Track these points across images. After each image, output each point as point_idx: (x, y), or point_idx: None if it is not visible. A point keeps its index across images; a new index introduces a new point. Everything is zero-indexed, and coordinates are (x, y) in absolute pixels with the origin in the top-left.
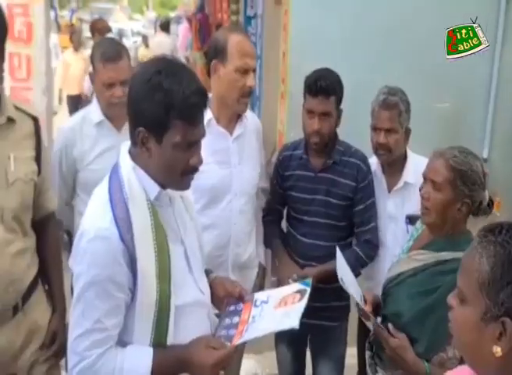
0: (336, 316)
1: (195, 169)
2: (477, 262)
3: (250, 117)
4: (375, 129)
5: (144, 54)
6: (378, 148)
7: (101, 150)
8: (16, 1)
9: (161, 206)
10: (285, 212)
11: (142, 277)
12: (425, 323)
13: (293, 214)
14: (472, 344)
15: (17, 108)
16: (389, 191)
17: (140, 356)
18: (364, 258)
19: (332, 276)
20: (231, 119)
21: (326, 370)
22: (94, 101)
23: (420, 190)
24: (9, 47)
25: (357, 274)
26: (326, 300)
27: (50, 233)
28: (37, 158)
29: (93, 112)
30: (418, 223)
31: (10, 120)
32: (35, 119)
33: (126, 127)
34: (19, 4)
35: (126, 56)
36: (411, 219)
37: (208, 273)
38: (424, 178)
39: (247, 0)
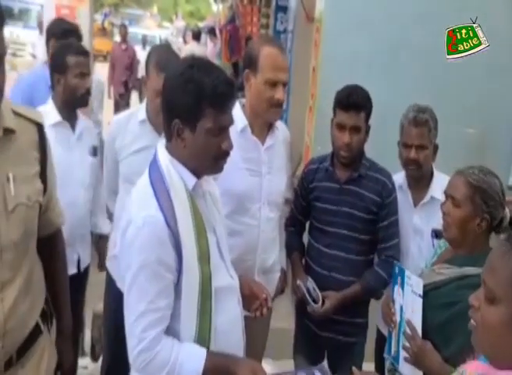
0: (354, 332)
1: (227, 154)
2: (507, 260)
3: (279, 127)
4: (405, 145)
5: None
6: (408, 163)
7: (139, 147)
8: (64, 3)
9: (198, 197)
10: (307, 224)
11: (186, 259)
12: (449, 333)
13: (316, 225)
14: (499, 341)
15: (17, 114)
16: (415, 206)
17: (195, 353)
18: (386, 278)
19: (350, 303)
20: (263, 129)
21: None
22: (145, 100)
23: (441, 206)
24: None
25: (379, 296)
26: (345, 315)
27: (58, 252)
28: (43, 173)
29: (140, 110)
30: (442, 241)
31: (8, 131)
32: (39, 126)
33: None
34: (66, 5)
35: None
36: (437, 233)
37: None
38: (446, 195)
39: (278, 15)
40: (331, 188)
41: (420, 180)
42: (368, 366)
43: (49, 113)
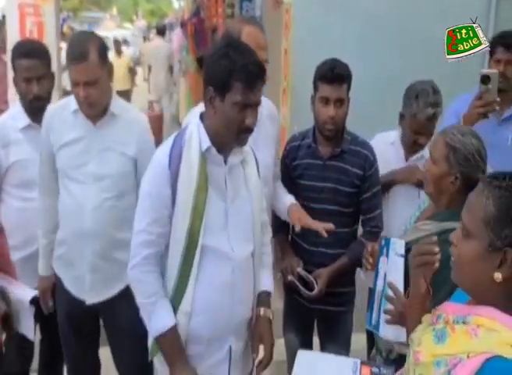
0: (342, 302)
1: (250, 129)
2: (483, 203)
3: (263, 103)
4: (417, 133)
5: (115, 65)
6: (415, 146)
7: (71, 138)
8: (28, 2)
9: (213, 162)
10: None
11: (179, 203)
12: (433, 285)
13: (301, 202)
14: (474, 273)
15: None
16: (406, 160)
17: (167, 316)
18: None
19: (342, 274)
20: None
21: (333, 353)
22: None
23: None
24: None
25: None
26: (332, 286)
27: None
28: None
29: (72, 99)
30: (425, 198)
31: None
32: None
33: (101, 122)
34: (30, 4)
35: (92, 56)
36: (420, 185)
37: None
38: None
39: (243, 4)
40: (314, 165)
41: (415, 143)
42: (358, 337)
43: (17, 116)
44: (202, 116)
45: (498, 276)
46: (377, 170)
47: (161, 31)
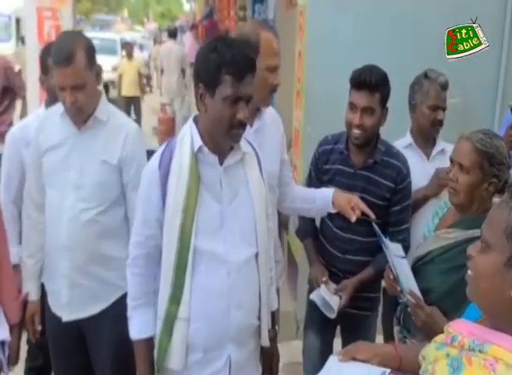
0: (368, 307)
1: (242, 124)
2: (506, 215)
3: (267, 110)
4: (435, 107)
5: (125, 68)
6: (436, 124)
7: (55, 142)
8: (46, 5)
9: (205, 163)
10: None
11: (169, 208)
12: (458, 297)
13: None
14: (491, 289)
15: None
16: (427, 157)
17: (136, 327)
18: None
19: (367, 285)
20: (251, 114)
21: None
22: None
23: (447, 173)
24: (39, 48)
25: None
26: (358, 290)
27: None
28: None
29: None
30: (442, 202)
31: None
32: None
33: (85, 127)
34: (48, 8)
35: (79, 59)
36: None
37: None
38: (451, 161)
39: (255, 7)
40: (345, 172)
41: (429, 138)
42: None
43: (40, 116)
44: (196, 118)
45: None
46: (409, 184)
47: (173, 34)
